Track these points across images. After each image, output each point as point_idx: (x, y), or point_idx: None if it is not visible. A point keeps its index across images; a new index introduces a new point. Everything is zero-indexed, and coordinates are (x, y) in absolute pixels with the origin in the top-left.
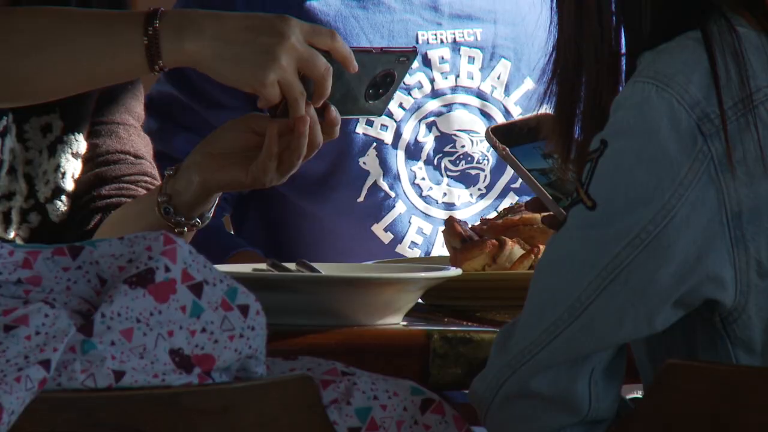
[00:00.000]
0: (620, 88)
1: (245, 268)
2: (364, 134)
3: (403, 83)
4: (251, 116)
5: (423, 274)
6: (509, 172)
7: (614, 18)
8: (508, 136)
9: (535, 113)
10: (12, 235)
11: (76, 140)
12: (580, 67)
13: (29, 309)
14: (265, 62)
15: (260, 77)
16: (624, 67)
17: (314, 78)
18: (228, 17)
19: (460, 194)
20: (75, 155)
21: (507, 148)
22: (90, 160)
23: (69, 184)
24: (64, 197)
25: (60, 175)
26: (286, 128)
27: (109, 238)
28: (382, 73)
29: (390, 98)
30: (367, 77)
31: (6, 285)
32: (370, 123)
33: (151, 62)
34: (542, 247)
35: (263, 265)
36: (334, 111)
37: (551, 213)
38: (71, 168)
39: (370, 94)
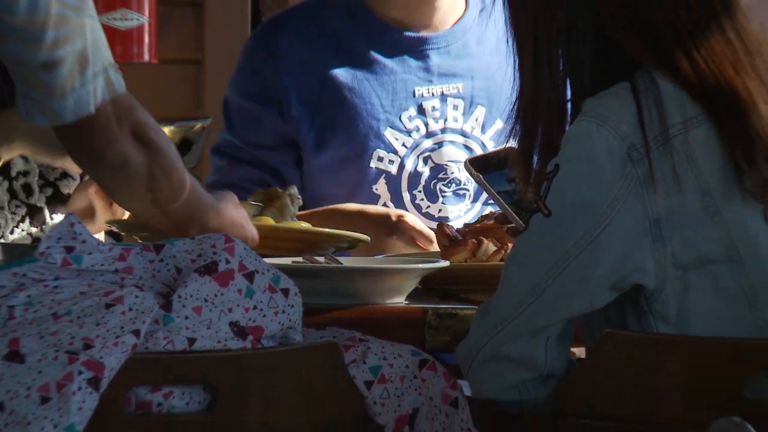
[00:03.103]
0: (567, 127)
1: (286, 260)
2: (375, 168)
3: (404, 127)
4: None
5: (420, 266)
6: None
7: (562, 75)
8: (482, 166)
9: (503, 147)
10: None
11: None
12: (537, 112)
13: (124, 291)
14: None
15: None
16: (570, 111)
17: None
18: None
19: (452, 209)
20: None
21: (480, 175)
22: None
23: None
24: None
25: None
26: None
27: (183, 238)
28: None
29: (194, 158)
30: None
31: (107, 274)
32: (380, 159)
33: None
34: (510, 245)
35: (300, 259)
36: None
37: (514, 225)
38: None
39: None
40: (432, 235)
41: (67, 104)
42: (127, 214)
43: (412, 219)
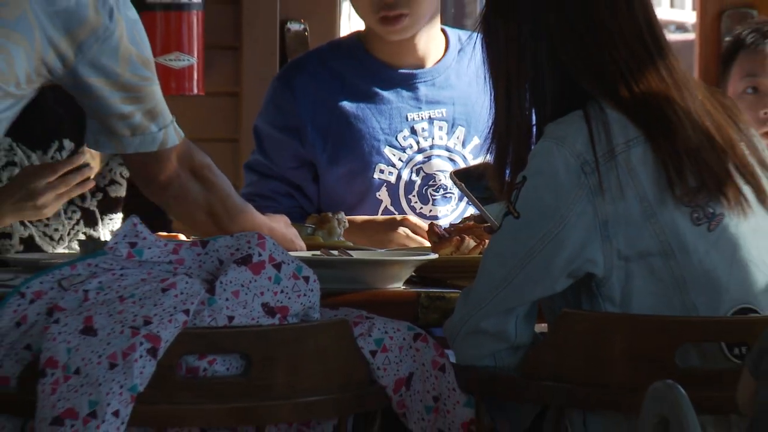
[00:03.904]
0: (533, 146)
1: (307, 254)
2: (378, 178)
3: (400, 145)
4: None
5: (414, 258)
6: None
7: (528, 105)
8: (464, 177)
9: (481, 161)
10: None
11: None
12: (508, 134)
13: (177, 278)
14: None
15: None
16: (534, 133)
17: None
18: None
19: (441, 210)
20: None
21: (463, 185)
22: None
23: None
24: None
25: None
26: None
27: (224, 235)
28: None
29: None
30: None
31: (162, 264)
32: (381, 171)
33: None
34: (487, 241)
35: (319, 252)
36: None
37: (490, 225)
38: None
39: None
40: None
41: (132, 142)
42: None
43: (414, 218)
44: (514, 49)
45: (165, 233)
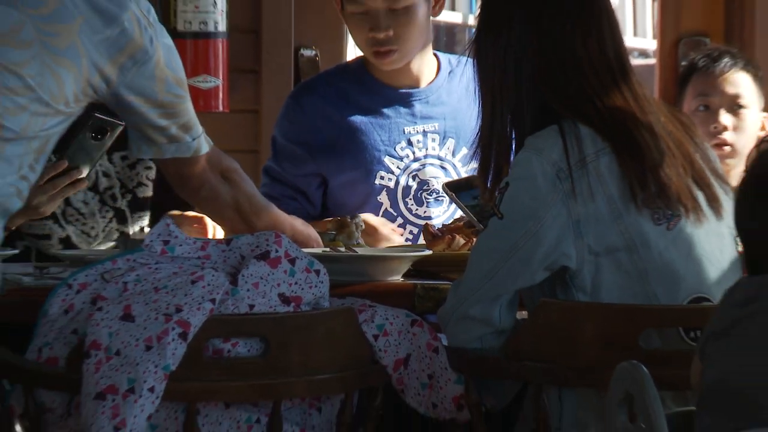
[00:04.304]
0: (512, 157)
1: (317, 250)
2: (379, 184)
3: (398, 155)
4: None
5: (411, 254)
6: None
7: (509, 121)
8: (455, 187)
9: (469, 175)
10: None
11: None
12: (491, 146)
13: (204, 271)
14: None
15: None
16: (514, 146)
17: None
18: None
19: (434, 211)
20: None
21: (453, 194)
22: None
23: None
24: None
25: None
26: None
27: (245, 234)
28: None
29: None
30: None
31: (192, 259)
32: (382, 177)
33: None
34: (474, 240)
35: (328, 249)
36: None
37: (477, 228)
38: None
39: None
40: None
41: (169, 149)
42: None
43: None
44: (499, 72)
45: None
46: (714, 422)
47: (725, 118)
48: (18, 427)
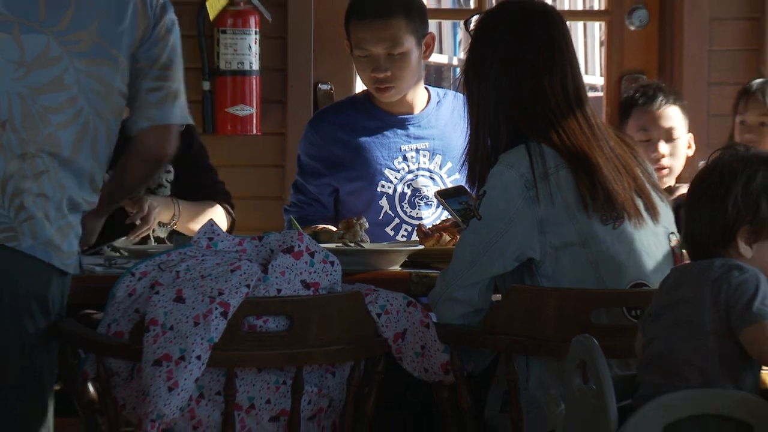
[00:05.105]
0: (491, 170)
1: (331, 245)
2: (380, 191)
3: (395, 168)
4: None
5: (407, 248)
6: None
7: (489, 141)
8: (444, 195)
9: (457, 185)
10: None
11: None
12: (476, 162)
13: (241, 262)
14: None
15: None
16: (491, 160)
17: None
18: None
19: (425, 213)
20: None
21: (443, 200)
22: None
23: None
24: None
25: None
26: None
27: (275, 232)
28: None
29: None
30: None
31: (231, 253)
32: (383, 186)
33: None
34: (458, 237)
35: (340, 244)
36: None
37: (460, 227)
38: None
39: None
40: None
41: (158, 113)
42: None
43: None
44: (482, 105)
45: None
46: (651, 383)
47: (663, 147)
48: (91, 388)
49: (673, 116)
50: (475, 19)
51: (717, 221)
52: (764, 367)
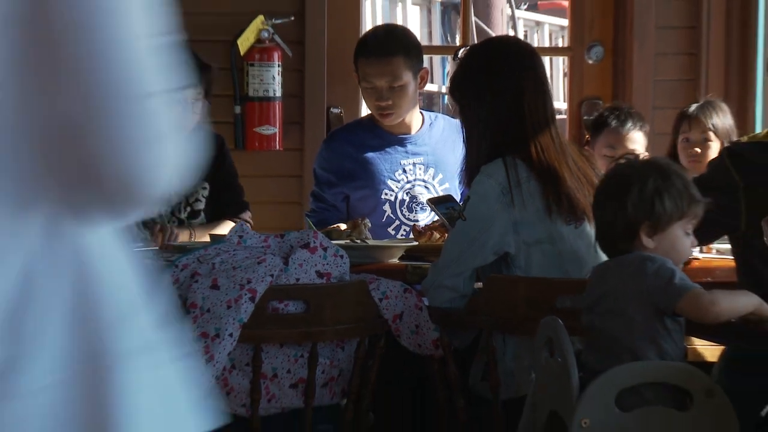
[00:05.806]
0: (474, 179)
1: (341, 242)
2: (383, 198)
3: (396, 179)
4: None
5: (404, 244)
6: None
7: (475, 154)
8: (435, 201)
9: (446, 194)
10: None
11: None
12: (467, 170)
13: (266, 256)
14: None
15: None
16: (476, 171)
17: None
18: None
19: (420, 217)
20: None
21: (434, 206)
22: None
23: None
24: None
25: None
26: None
27: (294, 231)
28: None
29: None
30: None
31: (258, 248)
32: (386, 194)
33: None
34: (446, 235)
35: (349, 240)
36: None
37: (448, 228)
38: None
39: None
40: None
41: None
42: None
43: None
44: (471, 125)
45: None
46: (593, 361)
47: None
48: None
49: (638, 140)
50: (463, 50)
51: (620, 220)
52: (701, 341)
